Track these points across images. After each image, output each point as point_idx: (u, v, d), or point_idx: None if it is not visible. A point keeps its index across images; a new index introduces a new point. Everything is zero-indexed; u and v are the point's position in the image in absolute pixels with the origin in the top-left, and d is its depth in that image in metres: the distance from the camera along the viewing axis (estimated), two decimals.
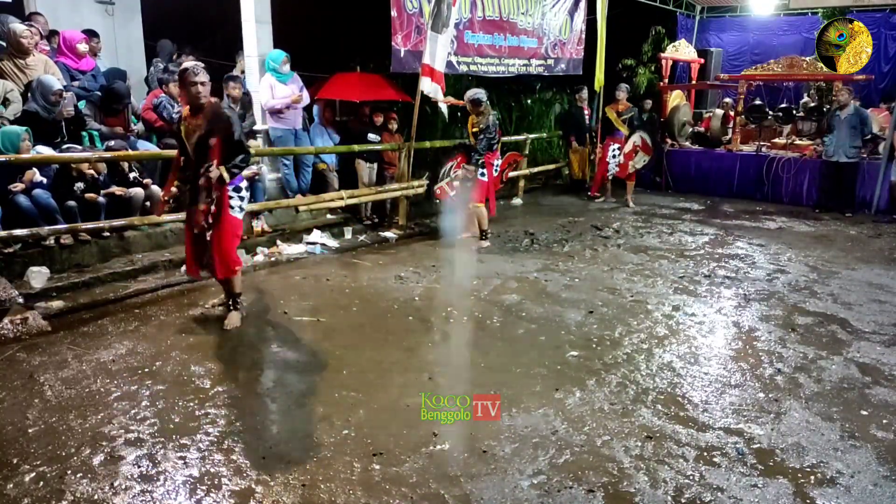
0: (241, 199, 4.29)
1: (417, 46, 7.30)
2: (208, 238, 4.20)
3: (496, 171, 6.98)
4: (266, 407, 3.33)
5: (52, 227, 4.93)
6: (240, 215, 4.33)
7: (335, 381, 3.62)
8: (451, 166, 6.94)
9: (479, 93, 6.56)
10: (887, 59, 11.71)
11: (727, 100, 11.71)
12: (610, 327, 4.50)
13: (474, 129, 6.57)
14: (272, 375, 3.73)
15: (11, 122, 5.14)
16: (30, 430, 3.06)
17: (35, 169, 5.04)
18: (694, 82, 11.73)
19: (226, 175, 4.08)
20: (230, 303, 4.48)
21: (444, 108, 7.49)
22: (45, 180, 5.12)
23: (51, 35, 6.47)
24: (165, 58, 7.41)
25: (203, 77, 4.02)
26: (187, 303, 4.81)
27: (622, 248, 6.72)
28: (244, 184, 4.32)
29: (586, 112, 9.81)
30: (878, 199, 8.69)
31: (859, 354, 4.13)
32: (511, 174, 8.77)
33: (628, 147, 8.90)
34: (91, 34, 6.72)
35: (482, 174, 6.69)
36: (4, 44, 5.60)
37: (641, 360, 3.98)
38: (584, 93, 9.80)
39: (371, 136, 7.48)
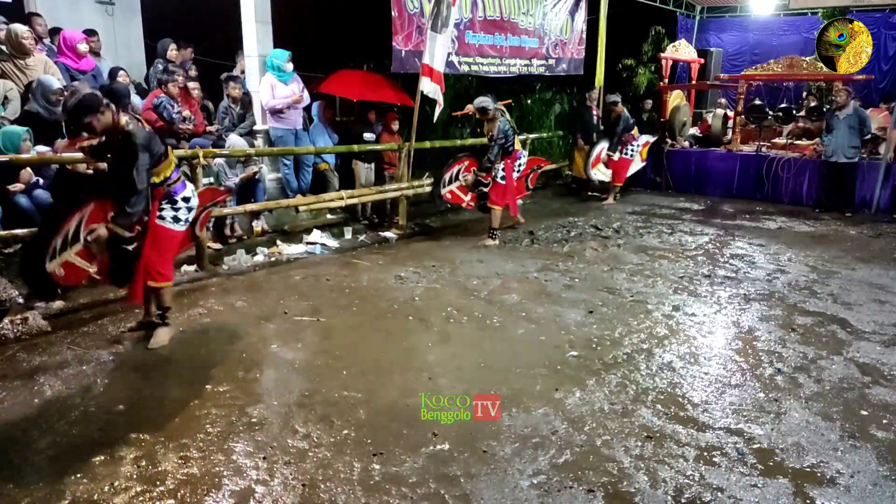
0: (177, 209, 3.97)
1: (418, 46, 7.30)
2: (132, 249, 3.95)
3: (517, 172, 6.94)
4: (266, 407, 3.33)
5: None
6: (173, 226, 3.98)
7: (335, 381, 3.62)
8: (460, 169, 6.89)
9: (484, 101, 6.55)
10: (887, 59, 11.72)
11: (722, 100, 11.72)
12: (610, 327, 4.50)
13: (489, 135, 6.63)
14: (272, 375, 3.73)
15: (12, 122, 5.14)
16: (30, 430, 3.07)
17: (29, 169, 5.02)
18: (694, 82, 11.73)
19: (118, 230, 3.72)
20: (159, 316, 4.14)
21: (437, 109, 7.49)
22: (42, 181, 5.11)
23: (52, 33, 6.48)
24: (164, 57, 7.41)
25: (89, 117, 3.61)
26: (187, 302, 4.81)
27: (622, 248, 6.72)
28: (186, 193, 4.01)
29: (595, 112, 9.83)
30: (879, 199, 8.69)
31: (859, 354, 4.13)
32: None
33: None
34: (90, 33, 6.71)
35: (502, 178, 6.74)
36: (4, 46, 5.59)
37: (641, 360, 3.98)
38: (595, 93, 9.81)
39: (366, 136, 7.49)
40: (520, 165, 6.97)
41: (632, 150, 9.27)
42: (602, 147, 9.33)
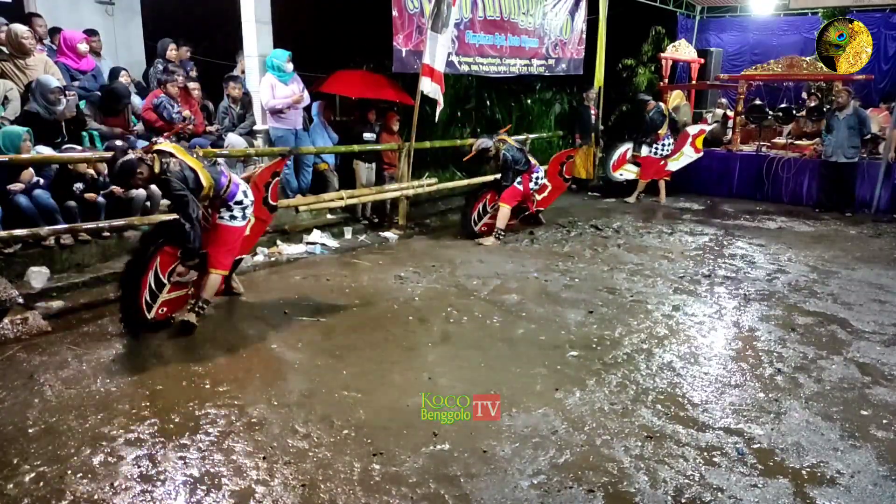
0: (231, 209, 4.32)
1: (419, 46, 7.30)
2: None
3: (536, 183, 7.19)
4: (266, 407, 3.33)
5: (52, 227, 4.92)
6: (232, 223, 4.35)
7: (335, 381, 3.63)
8: (484, 204, 7.12)
9: (481, 142, 6.86)
10: (887, 59, 11.71)
11: (722, 100, 11.71)
12: (610, 327, 4.50)
13: (497, 166, 6.94)
14: (272, 375, 3.73)
15: (12, 122, 5.14)
16: (30, 430, 3.06)
17: (31, 169, 5.03)
18: (694, 82, 11.73)
19: (191, 263, 4.19)
20: (194, 303, 4.34)
21: (438, 109, 7.50)
22: (42, 181, 5.11)
23: (52, 33, 6.48)
24: (163, 57, 7.41)
25: (132, 178, 3.96)
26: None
27: (622, 248, 6.72)
28: (239, 196, 4.33)
29: (593, 112, 9.83)
30: (878, 199, 8.69)
31: (859, 354, 4.13)
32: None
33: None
34: (90, 33, 6.71)
35: (518, 182, 6.98)
36: (4, 46, 5.59)
37: (641, 360, 3.98)
38: (593, 92, 9.82)
39: (366, 136, 7.49)
40: (538, 178, 7.22)
41: (657, 149, 9.26)
42: (625, 149, 9.46)
